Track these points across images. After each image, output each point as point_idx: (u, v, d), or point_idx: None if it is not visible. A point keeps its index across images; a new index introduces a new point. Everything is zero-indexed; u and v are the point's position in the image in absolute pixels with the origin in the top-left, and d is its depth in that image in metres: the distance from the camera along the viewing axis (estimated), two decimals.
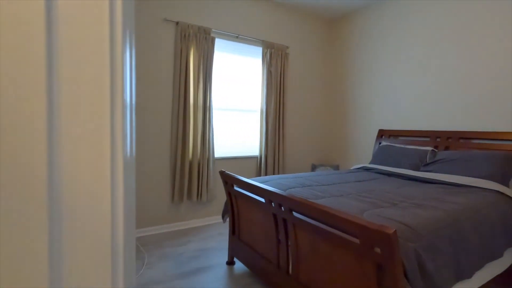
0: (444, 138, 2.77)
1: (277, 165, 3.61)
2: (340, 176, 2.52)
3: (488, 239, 1.54)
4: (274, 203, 1.67)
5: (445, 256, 1.28)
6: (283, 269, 1.71)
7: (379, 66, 3.48)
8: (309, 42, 4.00)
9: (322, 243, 1.40)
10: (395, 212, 1.47)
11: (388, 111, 3.38)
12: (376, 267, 1.13)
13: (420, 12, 3.05)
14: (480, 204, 1.71)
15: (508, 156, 2.17)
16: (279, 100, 3.60)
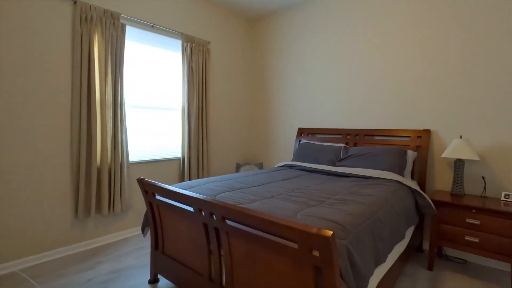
0: (353, 135, 3.11)
1: (201, 167, 3.43)
2: (267, 176, 2.54)
3: (395, 224, 1.75)
4: (205, 211, 1.52)
5: (367, 247, 1.38)
6: (216, 281, 1.58)
7: (298, 67, 3.67)
8: (232, 39, 3.93)
9: (258, 251, 1.33)
10: (325, 211, 1.52)
11: (307, 110, 3.61)
12: (314, 269, 1.12)
13: (334, 17, 3.34)
14: (387, 194, 1.94)
15: (401, 151, 2.56)
16: (201, 98, 3.42)
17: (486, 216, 2.04)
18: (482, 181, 2.40)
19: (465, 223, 2.13)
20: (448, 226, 2.21)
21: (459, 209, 2.15)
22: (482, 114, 2.40)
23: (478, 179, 2.42)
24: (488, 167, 2.39)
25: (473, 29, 2.42)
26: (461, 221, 2.14)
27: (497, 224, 2.00)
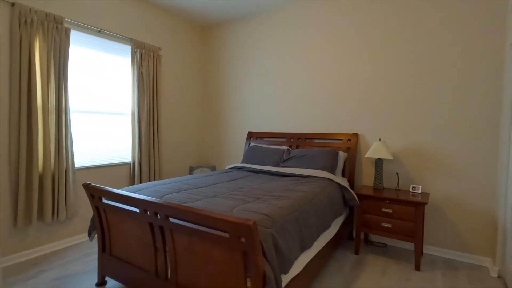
0: (295, 138, 3.44)
1: (153, 171, 3.48)
2: (215, 177, 2.72)
3: (321, 215, 2.05)
4: (150, 212, 1.65)
5: (292, 234, 1.64)
6: (161, 276, 1.72)
7: (247, 74, 3.92)
8: (183, 45, 4.04)
9: (198, 243, 1.51)
10: (258, 205, 1.75)
11: (256, 115, 3.87)
12: (243, 254, 1.33)
13: (277, 30, 3.64)
14: (317, 190, 2.25)
15: (333, 152, 2.93)
16: (152, 103, 3.48)
17: (396, 205, 2.47)
18: (397, 176, 2.86)
19: (381, 212, 2.54)
20: (369, 215, 2.60)
21: (376, 200, 2.56)
22: (397, 120, 2.87)
23: (394, 175, 2.88)
24: (401, 164, 2.85)
25: (387, 56, 2.88)
26: (378, 210, 2.55)
27: (404, 211, 2.43)
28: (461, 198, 2.58)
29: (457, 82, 2.57)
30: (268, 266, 1.35)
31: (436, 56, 2.65)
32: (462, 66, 2.54)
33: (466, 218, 2.56)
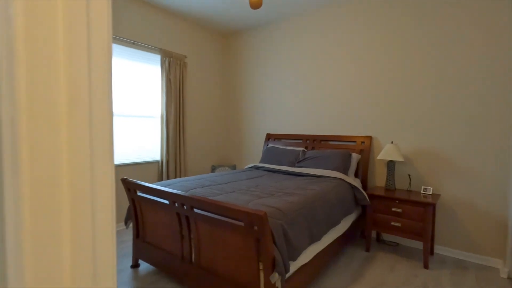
0: (311, 140, 3.61)
1: (179, 169, 3.80)
2: (235, 175, 2.97)
3: (330, 212, 2.23)
4: (178, 203, 1.93)
5: (302, 227, 1.84)
6: (186, 259, 1.99)
7: (267, 79, 4.14)
8: (207, 53, 4.34)
9: (218, 231, 1.76)
10: (271, 200, 1.97)
11: (274, 118, 4.08)
12: (256, 240, 1.56)
13: (295, 37, 3.84)
14: (327, 189, 2.43)
15: (346, 153, 3.08)
16: (179, 107, 3.80)
17: (405, 205, 2.58)
18: (409, 178, 2.95)
19: (391, 211, 2.66)
20: (380, 215, 2.73)
21: (386, 200, 2.68)
22: (409, 123, 2.96)
23: (406, 176, 2.98)
24: (414, 166, 2.94)
25: (401, 61, 2.99)
26: (388, 210, 2.67)
27: (413, 211, 2.54)
28: (473, 199, 2.63)
29: (469, 85, 2.64)
30: (277, 252, 1.57)
31: (449, 59, 2.73)
32: (475, 69, 2.60)
33: (477, 220, 2.62)
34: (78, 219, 0.45)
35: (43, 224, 0.42)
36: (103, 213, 0.49)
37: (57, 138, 0.43)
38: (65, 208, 0.44)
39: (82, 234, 0.46)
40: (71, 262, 0.45)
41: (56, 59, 0.42)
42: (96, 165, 0.47)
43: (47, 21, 0.41)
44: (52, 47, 0.41)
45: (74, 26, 0.44)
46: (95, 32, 0.46)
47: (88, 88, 0.45)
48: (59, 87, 0.42)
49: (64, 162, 0.44)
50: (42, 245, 0.42)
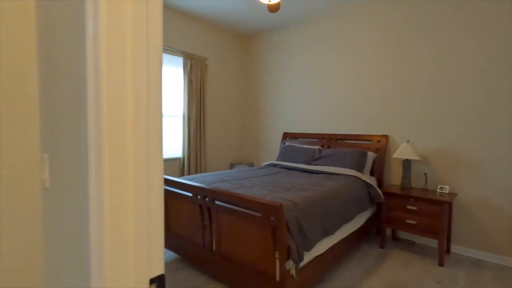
0: (327, 139, 3.68)
1: (199, 165, 3.99)
2: (252, 172, 3.11)
3: (344, 208, 2.32)
4: (200, 195, 2.09)
5: (315, 220, 1.94)
6: (208, 248, 2.15)
7: (283, 79, 4.25)
8: (226, 55, 4.51)
9: (237, 221, 1.90)
10: (287, 194, 2.09)
11: (291, 117, 4.18)
12: (272, 230, 1.69)
13: (311, 38, 3.92)
14: (341, 185, 2.51)
15: (362, 152, 3.13)
16: (199, 106, 3.99)
17: (421, 203, 2.61)
18: (425, 176, 2.96)
19: (406, 209, 2.70)
20: (395, 212, 2.77)
21: (401, 198, 2.72)
22: (426, 122, 2.97)
23: (423, 175, 3.00)
24: (430, 165, 2.96)
25: (417, 60, 3.00)
26: (403, 207, 2.71)
27: (428, 209, 2.57)
28: (491, 199, 2.62)
29: (486, 84, 2.62)
30: (292, 241, 1.69)
31: (465, 58, 2.72)
32: (492, 68, 2.59)
33: (495, 219, 2.60)
34: (139, 190, 0.60)
35: (117, 194, 0.57)
36: (156, 190, 0.64)
37: (125, 134, 0.58)
38: (130, 183, 0.59)
39: (142, 202, 0.61)
40: (134, 223, 0.60)
41: (126, 73, 0.57)
42: (151, 153, 0.62)
43: (121, 42, 0.56)
44: (123, 65, 0.56)
45: (139, 46, 0.59)
46: (152, 49, 0.61)
47: (146, 95, 0.60)
48: (128, 95, 0.57)
49: (130, 152, 0.59)
50: (116, 207, 0.57)
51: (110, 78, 0.54)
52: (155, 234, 0.64)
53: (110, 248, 0.56)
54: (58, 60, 0.79)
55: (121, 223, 0.58)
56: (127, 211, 0.59)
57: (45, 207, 0.94)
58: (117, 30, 0.55)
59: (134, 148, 0.59)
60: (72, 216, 0.76)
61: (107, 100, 0.54)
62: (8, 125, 0.90)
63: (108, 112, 0.55)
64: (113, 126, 0.56)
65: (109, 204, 0.56)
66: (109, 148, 0.56)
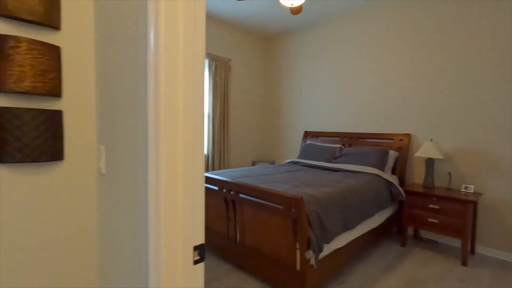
0: (348, 137, 3.71)
1: (222, 162, 4.17)
2: (274, 169, 3.22)
3: (364, 204, 2.37)
4: (225, 189, 2.23)
5: (335, 214, 2.02)
6: (232, 238, 2.29)
7: (305, 79, 4.32)
8: (249, 56, 4.65)
9: (260, 214, 2.02)
10: (308, 189, 2.18)
11: (312, 116, 4.25)
12: (293, 222, 1.79)
13: (332, 38, 3.96)
14: (362, 182, 2.56)
15: (383, 150, 3.14)
16: (223, 106, 4.16)
17: (444, 202, 2.60)
18: (449, 176, 2.93)
19: (428, 208, 2.69)
20: (416, 211, 2.78)
21: (423, 196, 2.72)
22: (450, 120, 2.94)
23: (446, 174, 2.96)
24: (454, 164, 2.92)
25: (440, 58, 2.97)
26: (425, 206, 2.71)
27: (451, 208, 2.56)
28: None
29: None
30: (312, 233, 1.78)
31: (491, 56, 2.66)
32: None
33: None
34: (186, 176, 0.74)
35: (170, 179, 0.71)
36: (198, 176, 0.77)
37: (177, 131, 0.72)
38: (180, 170, 0.73)
39: (188, 185, 0.75)
40: (182, 203, 0.74)
41: (179, 80, 0.71)
42: (196, 146, 0.76)
43: (175, 53, 0.70)
44: (176, 72, 0.70)
45: (188, 56, 0.72)
46: (198, 58, 0.75)
47: (192, 98, 0.74)
48: (179, 98, 0.71)
49: (180, 145, 0.73)
50: (169, 189, 0.71)
51: (167, 85, 0.68)
52: (198, 212, 0.77)
53: (165, 221, 0.70)
54: (116, 67, 0.95)
55: (173, 202, 0.72)
56: (177, 192, 0.72)
57: (101, 189, 1.11)
58: (173, 42, 0.69)
59: (183, 142, 0.73)
60: (125, 196, 0.91)
61: (164, 103, 0.68)
62: (72, 123, 1.08)
63: (165, 113, 0.69)
64: (168, 124, 0.70)
65: (164, 186, 0.70)
66: (165, 142, 0.69)
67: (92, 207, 1.14)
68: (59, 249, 1.06)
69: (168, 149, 0.70)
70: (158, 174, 0.69)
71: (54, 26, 1.00)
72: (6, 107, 0.91)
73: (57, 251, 1.06)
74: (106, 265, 1.08)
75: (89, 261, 1.14)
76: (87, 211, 1.13)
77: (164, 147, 0.69)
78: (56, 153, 1.02)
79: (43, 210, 1.02)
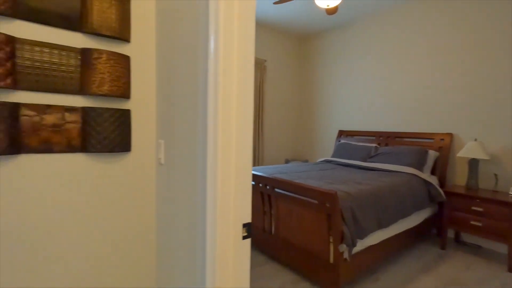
0: (385, 137, 3.65)
1: (257, 160, 4.31)
2: (308, 166, 3.29)
3: (400, 203, 2.35)
4: (262, 184, 2.37)
5: (369, 211, 2.05)
6: (267, 231, 2.42)
7: (340, 78, 4.31)
8: (284, 56, 4.75)
9: (295, 208, 2.12)
10: (342, 186, 2.23)
11: (346, 115, 4.23)
12: (327, 216, 1.87)
13: (370, 36, 3.91)
14: (398, 182, 2.54)
15: (422, 150, 3.06)
16: (259, 105, 4.31)
17: (488, 205, 2.48)
18: (495, 177, 2.77)
19: (471, 210, 2.58)
20: (458, 213, 2.67)
21: (465, 198, 2.61)
22: (497, 119, 2.78)
23: (492, 176, 2.81)
24: (502, 166, 2.76)
25: (489, 49, 2.81)
26: (468, 208, 2.60)
27: (496, 211, 2.43)
28: None
29: None
30: (346, 228, 1.85)
31: None
32: None
33: None
34: (238, 165, 0.87)
35: (224, 168, 0.85)
36: (247, 167, 0.90)
37: (231, 127, 0.85)
38: (233, 161, 0.86)
39: (240, 173, 0.88)
40: (234, 187, 0.87)
41: (233, 82, 0.84)
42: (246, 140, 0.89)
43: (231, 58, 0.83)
44: (231, 76, 0.84)
45: (241, 60, 0.85)
46: (248, 62, 0.88)
47: (244, 98, 0.87)
48: (233, 99, 0.85)
49: (233, 139, 0.86)
50: (224, 176, 0.85)
51: (224, 88, 0.82)
52: (247, 194, 0.90)
53: (220, 201, 0.84)
54: (175, 72, 1.12)
55: (227, 186, 0.86)
56: (231, 177, 0.86)
57: (159, 176, 1.29)
58: (229, 50, 0.82)
59: (236, 136, 0.86)
60: (182, 180, 1.07)
61: (222, 104, 0.82)
62: (137, 120, 1.27)
63: (222, 113, 0.83)
64: (224, 121, 0.83)
65: (221, 172, 0.84)
66: (221, 136, 0.83)
67: (152, 193, 1.33)
68: (122, 232, 1.27)
69: (224, 142, 0.84)
70: (216, 162, 0.83)
71: (125, 39, 1.20)
72: (91, 107, 1.12)
73: (120, 234, 1.26)
74: (165, 241, 1.26)
75: (149, 239, 1.33)
76: (148, 196, 1.32)
77: (220, 141, 0.83)
78: (126, 145, 1.22)
79: (113, 196, 1.23)
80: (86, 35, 1.12)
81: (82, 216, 1.15)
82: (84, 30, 1.10)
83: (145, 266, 1.32)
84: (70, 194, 1.12)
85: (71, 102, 1.10)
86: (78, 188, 1.13)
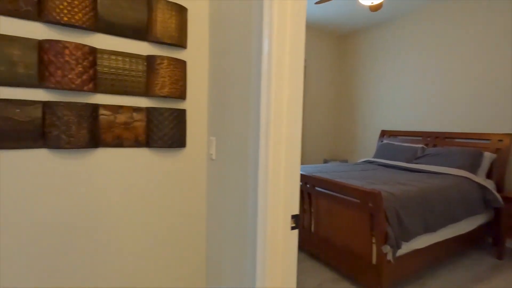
0: (432, 137, 3.45)
1: None
2: (349, 167, 3.23)
3: (450, 207, 2.22)
4: (302, 182, 2.40)
5: (415, 213, 1.98)
6: (307, 229, 2.44)
7: (382, 76, 4.16)
8: (323, 55, 4.70)
9: (335, 207, 2.12)
10: (386, 187, 2.18)
11: (389, 115, 4.06)
12: (370, 216, 1.85)
13: (415, 32, 3.72)
14: (447, 184, 2.40)
15: (477, 152, 2.84)
16: None
17: None
18: None
19: None
20: None
21: None
22: None
23: None
24: None
25: None
26: None
27: None
28: None
29: None
30: (390, 228, 1.81)
31: None
32: None
33: None
34: (288, 161, 0.94)
35: (275, 163, 0.92)
36: (295, 162, 0.96)
37: (282, 125, 0.92)
38: (282, 157, 0.93)
39: (289, 169, 0.94)
40: (284, 181, 0.94)
41: (284, 83, 0.91)
42: (296, 138, 0.95)
43: (283, 59, 0.90)
44: (282, 76, 0.90)
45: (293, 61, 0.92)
46: (298, 62, 0.93)
47: (295, 97, 0.93)
48: (284, 99, 0.91)
49: (284, 136, 0.92)
50: (274, 172, 0.92)
51: (276, 88, 0.89)
52: (295, 188, 0.96)
53: (271, 194, 0.91)
54: (227, 74, 1.22)
55: (277, 179, 0.92)
56: (280, 171, 0.93)
57: (210, 171, 1.40)
58: (281, 53, 0.89)
59: (286, 133, 0.93)
60: (233, 174, 1.16)
61: (274, 103, 0.89)
62: (191, 119, 1.40)
63: (274, 111, 0.90)
64: (276, 119, 0.90)
65: (272, 166, 0.91)
66: (273, 134, 0.90)
67: (203, 186, 1.45)
68: (175, 225, 1.40)
69: (275, 139, 0.91)
70: (268, 156, 0.90)
71: (183, 46, 1.33)
72: (154, 107, 1.27)
73: (173, 226, 1.40)
74: (215, 231, 1.37)
75: (200, 232, 1.45)
76: (200, 189, 1.44)
77: (272, 137, 0.90)
78: (182, 142, 1.35)
79: (168, 188, 1.36)
80: (151, 44, 1.26)
81: (144, 204, 1.30)
82: (149, 39, 1.24)
83: (196, 264, 1.45)
84: (136, 184, 1.27)
85: (138, 103, 1.25)
86: (142, 178, 1.29)
